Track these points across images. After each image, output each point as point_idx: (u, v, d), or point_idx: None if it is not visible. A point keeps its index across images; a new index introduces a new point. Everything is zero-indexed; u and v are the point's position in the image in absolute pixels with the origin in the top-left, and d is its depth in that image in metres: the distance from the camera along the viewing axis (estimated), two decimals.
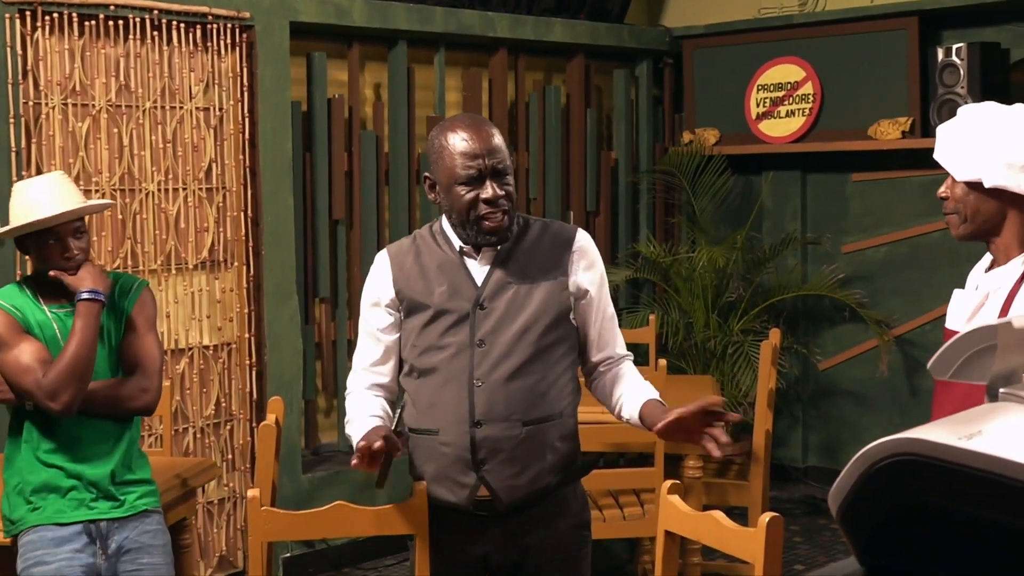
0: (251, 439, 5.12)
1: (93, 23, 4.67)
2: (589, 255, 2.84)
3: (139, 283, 3.32)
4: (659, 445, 4.14)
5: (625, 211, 6.81)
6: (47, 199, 3.13)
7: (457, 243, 2.78)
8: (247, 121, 5.13)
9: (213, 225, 5.07)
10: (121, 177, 4.79)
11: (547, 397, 2.75)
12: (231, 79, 5.10)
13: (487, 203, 2.68)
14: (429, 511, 2.81)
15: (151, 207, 4.88)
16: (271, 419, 3.56)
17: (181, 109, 4.95)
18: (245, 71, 5.11)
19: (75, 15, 4.61)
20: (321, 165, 5.53)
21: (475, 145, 2.69)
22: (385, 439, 2.59)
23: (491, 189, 2.68)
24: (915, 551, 1.25)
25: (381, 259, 2.86)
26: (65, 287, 3.16)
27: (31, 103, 4.56)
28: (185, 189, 4.98)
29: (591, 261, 2.84)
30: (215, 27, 5.01)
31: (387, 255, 2.85)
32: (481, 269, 2.77)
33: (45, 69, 4.58)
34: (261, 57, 5.13)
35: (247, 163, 5.15)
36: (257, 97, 5.14)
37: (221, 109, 5.08)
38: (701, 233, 6.55)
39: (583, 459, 2.93)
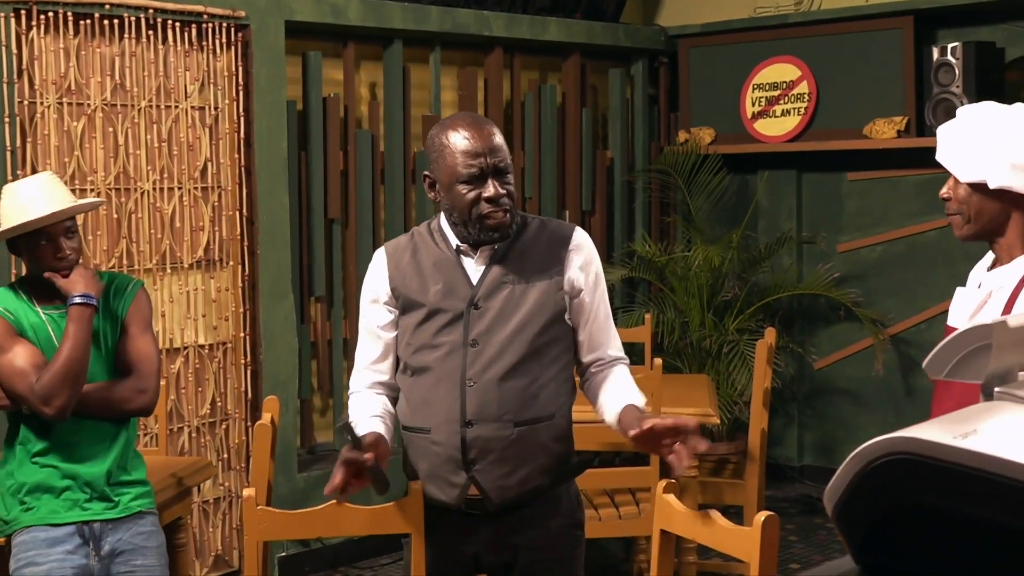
0: (247, 438, 5.12)
1: (88, 22, 4.67)
2: (586, 253, 2.82)
3: (134, 283, 3.31)
4: None
5: (621, 210, 6.81)
6: (38, 200, 3.12)
7: (454, 241, 2.77)
8: (242, 120, 5.12)
9: (208, 224, 5.07)
10: (116, 176, 4.78)
11: (540, 398, 2.74)
12: (226, 78, 5.09)
13: (489, 202, 2.68)
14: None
15: (146, 206, 4.87)
16: (267, 418, 3.56)
17: (176, 108, 4.94)
18: (240, 70, 5.11)
19: (70, 14, 4.60)
20: (317, 164, 5.53)
21: (477, 144, 2.68)
22: (344, 465, 2.60)
23: (493, 188, 2.67)
24: (910, 550, 1.25)
25: (378, 257, 2.86)
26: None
27: (26, 102, 4.55)
28: (180, 188, 4.97)
29: (587, 260, 2.82)
30: (210, 26, 5.00)
31: (384, 253, 2.85)
32: (477, 268, 2.76)
33: (40, 68, 4.57)
34: (256, 56, 5.12)
35: (242, 162, 5.14)
36: (252, 96, 5.13)
37: (216, 108, 5.07)
38: (697, 232, 6.55)
39: (578, 458, 2.92)
